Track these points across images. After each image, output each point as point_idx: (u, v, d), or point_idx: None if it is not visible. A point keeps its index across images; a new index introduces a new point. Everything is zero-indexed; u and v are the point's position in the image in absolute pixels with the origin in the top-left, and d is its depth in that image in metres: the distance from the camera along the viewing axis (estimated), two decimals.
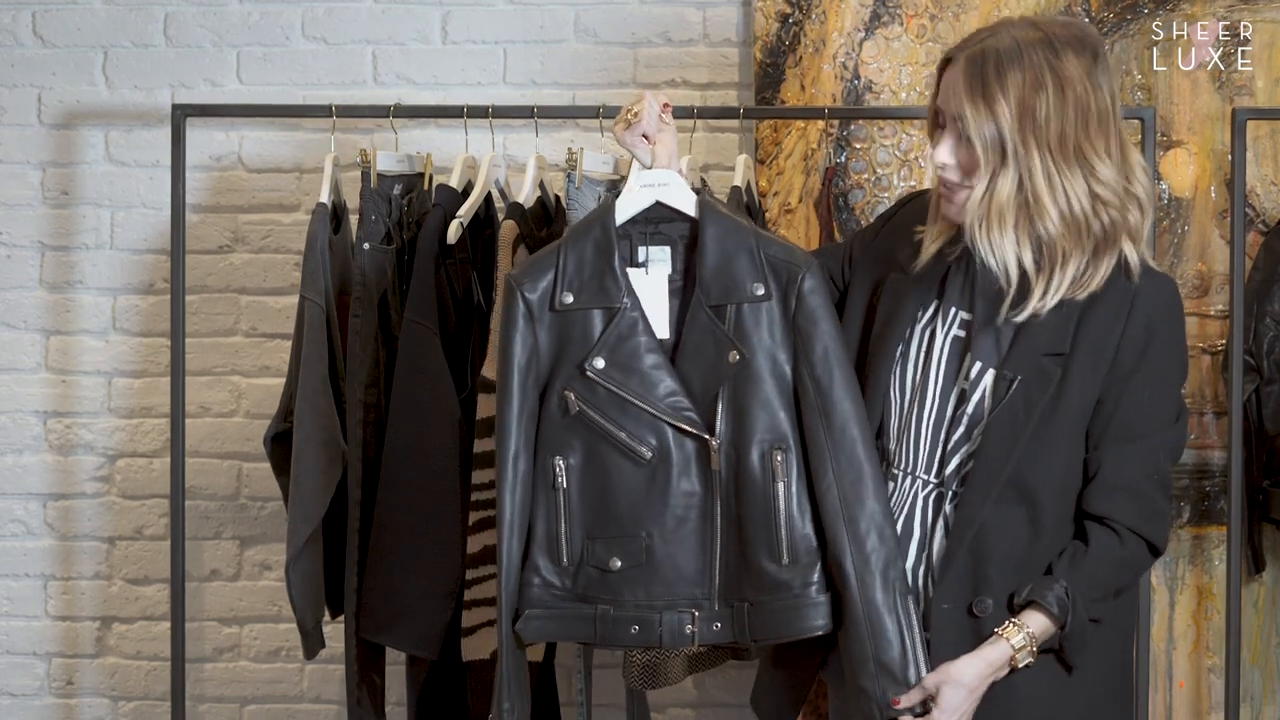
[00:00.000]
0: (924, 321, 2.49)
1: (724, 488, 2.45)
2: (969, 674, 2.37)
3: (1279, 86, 3.54)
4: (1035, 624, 2.37)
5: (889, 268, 2.54)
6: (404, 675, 3.28)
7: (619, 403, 2.46)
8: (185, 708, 3.41)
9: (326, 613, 3.21)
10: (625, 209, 2.52)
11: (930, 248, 2.48)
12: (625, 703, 3.24)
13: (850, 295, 2.58)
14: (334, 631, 3.38)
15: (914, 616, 2.39)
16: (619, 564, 2.47)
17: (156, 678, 3.77)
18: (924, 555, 2.44)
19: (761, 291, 2.43)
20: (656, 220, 2.53)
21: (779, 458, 2.42)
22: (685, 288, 2.51)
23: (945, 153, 2.38)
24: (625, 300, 2.47)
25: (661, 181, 2.51)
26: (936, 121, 2.42)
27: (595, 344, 2.46)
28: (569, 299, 2.48)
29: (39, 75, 3.75)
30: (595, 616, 2.49)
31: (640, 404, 2.45)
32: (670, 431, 2.45)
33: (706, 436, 2.44)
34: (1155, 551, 2.43)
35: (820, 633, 2.44)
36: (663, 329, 2.50)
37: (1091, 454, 2.41)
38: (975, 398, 2.43)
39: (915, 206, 2.58)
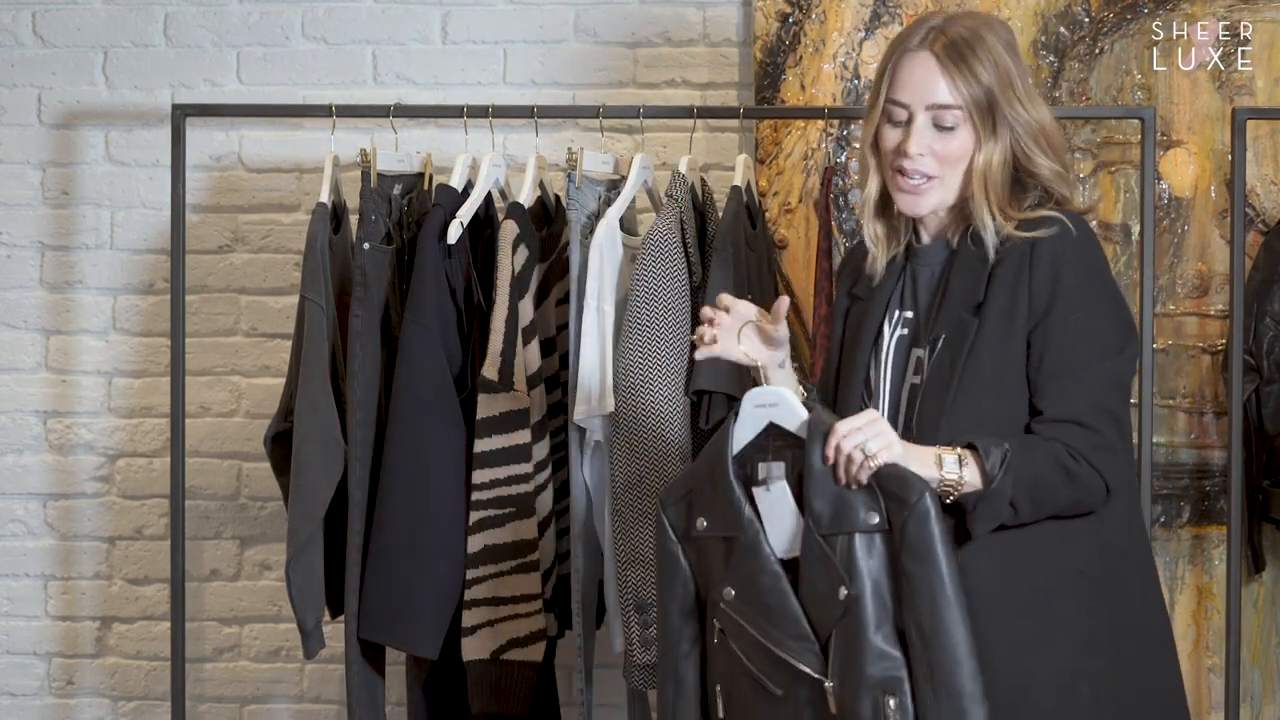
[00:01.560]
0: (873, 334, 2.53)
1: None
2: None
3: (1279, 86, 3.54)
4: (970, 465, 2.31)
5: (851, 303, 2.59)
6: (404, 675, 3.28)
7: (749, 637, 2.38)
8: (185, 708, 3.41)
9: (326, 613, 3.21)
10: (741, 435, 2.42)
11: (880, 259, 2.52)
12: (626, 703, 3.25)
13: (834, 341, 2.62)
14: (334, 631, 3.38)
15: None
16: None
17: (156, 678, 3.77)
18: None
19: (876, 520, 2.30)
20: (776, 433, 2.43)
21: (892, 704, 2.28)
22: (801, 503, 2.39)
23: (918, 143, 2.42)
24: (745, 526, 2.39)
25: (771, 402, 2.40)
26: (889, 118, 2.44)
27: (725, 573, 2.40)
28: (703, 524, 2.43)
29: (39, 75, 3.75)
30: None
31: (767, 642, 2.36)
32: (795, 668, 2.34)
33: (822, 679, 2.33)
34: (1107, 487, 2.36)
35: None
36: (794, 547, 2.38)
37: (1034, 401, 2.39)
38: (919, 379, 2.45)
39: (858, 250, 2.62)
